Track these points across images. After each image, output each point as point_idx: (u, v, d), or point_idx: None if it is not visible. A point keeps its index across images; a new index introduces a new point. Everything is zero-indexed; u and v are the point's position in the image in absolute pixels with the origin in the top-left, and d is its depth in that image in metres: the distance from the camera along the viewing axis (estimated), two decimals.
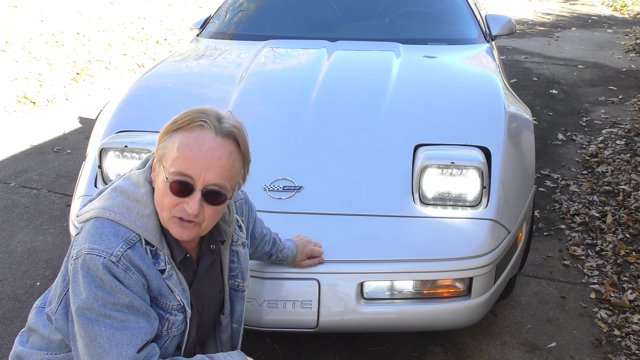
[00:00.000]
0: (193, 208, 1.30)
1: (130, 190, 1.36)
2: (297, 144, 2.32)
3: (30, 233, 3.30)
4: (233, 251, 1.58)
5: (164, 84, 2.88)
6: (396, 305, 2.02)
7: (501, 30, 3.67)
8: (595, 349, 2.45)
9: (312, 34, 3.42)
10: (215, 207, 1.35)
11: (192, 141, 1.30)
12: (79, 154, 4.41)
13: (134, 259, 1.30)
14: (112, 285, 1.27)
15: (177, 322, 1.40)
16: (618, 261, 3.05)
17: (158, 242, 1.34)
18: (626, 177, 3.95)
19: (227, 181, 1.34)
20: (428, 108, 2.50)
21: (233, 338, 1.67)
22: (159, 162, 1.34)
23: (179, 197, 1.31)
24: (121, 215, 1.32)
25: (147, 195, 1.36)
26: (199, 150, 1.30)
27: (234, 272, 1.60)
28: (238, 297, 1.63)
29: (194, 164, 1.29)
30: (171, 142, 1.32)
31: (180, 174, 1.29)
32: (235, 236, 1.57)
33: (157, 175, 1.35)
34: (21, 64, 6.28)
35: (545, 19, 10.44)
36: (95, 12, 8.82)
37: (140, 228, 1.32)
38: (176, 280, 1.38)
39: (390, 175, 2.19)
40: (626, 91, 6.05)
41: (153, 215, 1.34)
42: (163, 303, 1.37)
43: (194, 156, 1.29)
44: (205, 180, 1.30)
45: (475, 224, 2.08)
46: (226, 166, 1.32)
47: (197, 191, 1.31)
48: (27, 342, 1.51)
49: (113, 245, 1.28)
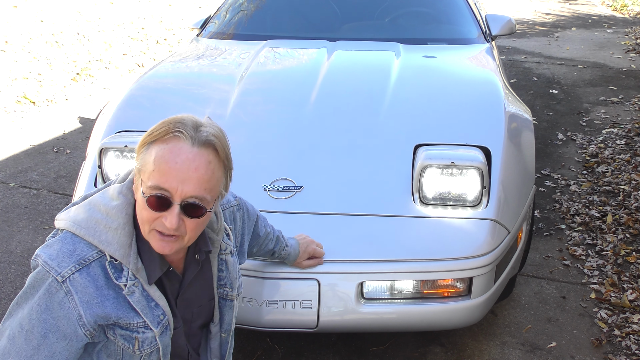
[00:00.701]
0: (172, 222, 1.26)
1: (103, 203, 1.33)
2: (297, 144, 2.32)
3: (30, 233, 3.30)
4: (221, 260, 1.54)
5: (164, 84, 2.88)
6: (396, 305, 2.02)
7: (501, 30, 3.67)
8: (595, 349, 2.45)
9: (312, 34, 3.42)
10: (196, 220, 1.30)
11: (168, 153, 1.25)
12: (79, 154, 4.41)
13: (81, 282, 1.27)
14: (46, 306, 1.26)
15: (148, 339, 1.36)
16: (618, 261, 3.05)
17: (122, 257, 1.30)
18: (626, 177, 3.95)
19: (206, 192, 1.28)
20: (428, 108, 2.50)
21: (222, 348, 1.62)
22: (138, 175, 1.31)
23: (157, 211, 1.27)
24: (86, 230, 1.30)
25: (118, 208, 1.32)
26: (175, 162, 1.24)
27: (223, 281, 1.55)
28: (227, 306, 1.58)
29: (170, 178, 1.24)
30: (148, 155, 1.27)
31: (157, 187, 1.25)
32: (223, 245, 1.53)
33: (136, 188, 1.32)
34: (21, 64, 6.28)
35: (545, 19, 10.44)
36: (95, 12, 8.82)
37: (103, 243, 1.29)
38: (139, 297, 1.33)
39: (390, 175, 2.19)
40: (626, 91, 6.05)
41: (121, 228, 1.31)
42: (127, 323, 1.33)
43: (170, 169, 1.24)
44: (182, 194, 1.25)
45: (475, 224, 2.08)
46: (204, 177, 1.27)
47: (175, 205, 1.26)
48: None
49: (64, 264, 1.26)
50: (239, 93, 2.62)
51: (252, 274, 1.96)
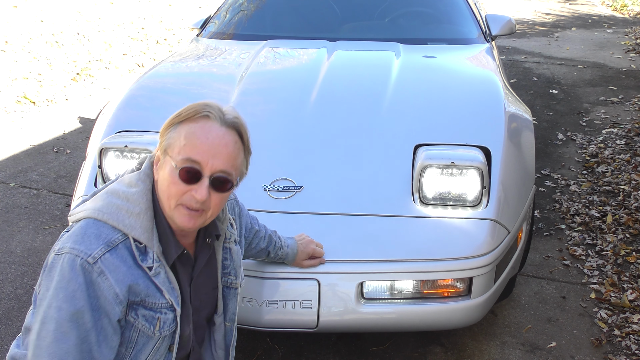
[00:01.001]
0: (202, 194, 1.33)
1: (121, 190, 1.38)
2: (297, 144, 2.32)
3: (30, 233, 3.30)
4: (226, 248, 1.60)
5: (164, 84, 2.88)
6: (396, 305, 2.02)
7: (501, 30, 3.67)
8: (595, 349, 2.45)
9: (312, 34, 3.42)
10: (222, 195, 1.38)
11: (199, 129, 1.34)
12: (79, 154, 4.41)
13: (113, 262, 1.30)
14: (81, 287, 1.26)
15: (168, 320, 1.40)
16: (618, 261, 3.05)
17: (147, 240, 1.35)
18: (626, 177, 3.95)
19: (232, 169, 1.37)
20: (428, 108, 2.50)
21: (226, 337, 1.66)
22: (164, 153, 1.36)
23: (188, 184, 1.33)
24: (109, 215, 1.34)
25: (139, 194, 1.37)
26: (206, 138, 1.33)
27: (227, 269, 1.61)
28: (231, 294, 1.64)
29: (201, 151, 1.32)
30: (177, 133, 1.35)
31: (188, 160, 1.32)
32: (228, 233, 1.59)
33: (161, 167, 1.37)
34: (21, 64, 6.28)
35: (545, 19, 10.44)
36: (95, 12, 8.82)
37: (127, 227, 1.33)
38: (164, 279, 1.38)
39: (390, 175, 2.19)
40: (626, 91, 6.05)
41: (143, 213, 1.36)
42: (152, 303, 1.37)
43: (202, 143, 1.33)
44: (212, 167, 1.33)
45: (475, 224, 2.08)
46: (232, 154, 1.36)
47: (205, 178, 1.34)
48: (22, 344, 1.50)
49: (93, 246, 1.29)
50: (239, 93, 2.62)
51: (252, 274, 1.96)
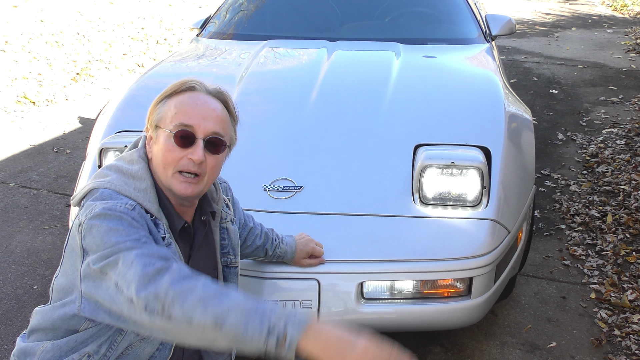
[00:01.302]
0: (199, 154, 1.38)
1: (124, 167, 1.42)
2: (297, 144, 2.32)
3: (30, 233, 3.30)
4: (223, 228, 1.64)
5: (164, 84, 2.81)
6: (396, 305, 2.02)
7: (501, 30, 3.67)
8: (595, 349, 2.45)
9: (312, 34, 3.42)
10: (217, 157, 1.43)
11: (188, 98, 1.42)
12: (79, 154, 4.41)
13: (140, 215, 1.34)
14: (130, 222, 1.30)
15: None
16: (618, 261, 3.05)
17: (157, 212, 1.39)
18: (626, 177, 3.95)
19: (224, 132, 1.44)
20: (428, 108, 2.50)
21: None
22: (156, 128, 1.42)
23: (183, 148, 1.39)
24: (120, 187, 1.37)
25: (142, 170, 1.42)
26: (196, 104, 1.41)
27: (226, 249, 1.65)
28: (232, 273, 1.68)
29: (192, 115, 1.39)
30: (166, 106, 1.42)
31: (181, 125, 1.38)
32: (224, 213, 1.63)
33: (155, 142, 1.43)
34: (21, 64, 6.28)
35: (545, 19, 10.45)
36: (95, 12, 8.83)
37: (139, 198, 1.37)
38: (175, 250, 1.41)
39: (390, 175, 2.19)
40: (626, 91, 6.05)
41: (150, 188, 1.40)
42: None
43: (192, 109, 1.40)
44: (205, 129, 1.40)
45: (475, 224, 2.08)
46: (221, 117, 1.44)
47: (199, 140, 1.39)
48: (28, 338, 1.50)
49: (123, 201, 1.33)
50: (239, 93, 2.62)
51: (252, 274, 1.96)
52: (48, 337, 1.45)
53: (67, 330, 1.43)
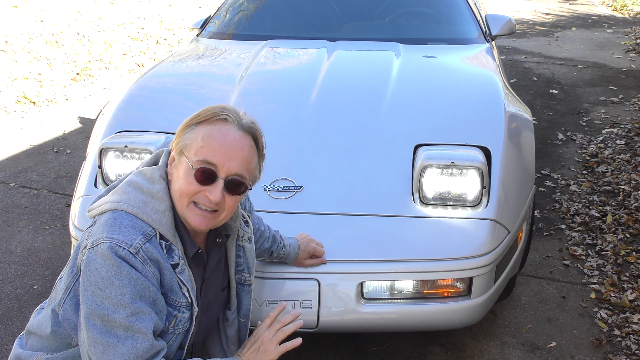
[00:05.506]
0: (216, 196, 1.35)
1: (145, 186, 1.39)
2: (297, 144, 2.32)
3: (30, 233, 3.30)
4: (239, 246, 1.61)
5: (164, 84, 2.88)
6: (396, 305, 2.02)
7: (501, 30, 3.67)
8: (595, 349, 2.45)
9: (312, 33, 3.42)
10: (236, 197, 1.40)
11: (217, 132, 1.36)
12: (79, 154, 4.41)
13: (152, 252, 1.31)
14: (128, 274, 1.27)
15: (184, 319, 1.42)
16: (618, 261, 3.05)
17: (172, 237, 1.37)
18: (626, 177, 3.95)
19: (247, 172, 1.40)
20: (428, 108, 2.50)
21: (240, 333, 1.69)
22: (180, 154, 1.38)
23: (203, 185, 1.35)
24: (138, 209, 1.35)
25: (163, 191, 1.39)
26: (224, 141, 1.35)
27: (241, 266, 1.63)
28: (245, 291, 1.66)
29: (218, 154, 1.35)
30: (194, 134, 1.37)
31: (205, 162, 1.34)
32: (241, 231, 1.60)
33: (176, 167, 1.39)
34: (21, 64, 6.28)
35: (545, 19, 10.44)
36: (95, 12, 8.83)
37: (156, 222, 1.35)
38: (187, 276, 1.40)
39: (390, 175, 2.19)
40: (626, 91, 6.05)
41: (168, 211, 1.38)
42: (172, 299, 1.38)
43: (219, 146, 1.35)
44: (228, 170, 1.36)
45: (475, 224, 2.08)
46: (247, 157, 1.39)
47: (220, 180, 1.36)
48: (26, 344, 1.51)
49: (132, 237, 1.30)
50: (239, 93, 2.62)
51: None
52: (42, 348, 1.46)
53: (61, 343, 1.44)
